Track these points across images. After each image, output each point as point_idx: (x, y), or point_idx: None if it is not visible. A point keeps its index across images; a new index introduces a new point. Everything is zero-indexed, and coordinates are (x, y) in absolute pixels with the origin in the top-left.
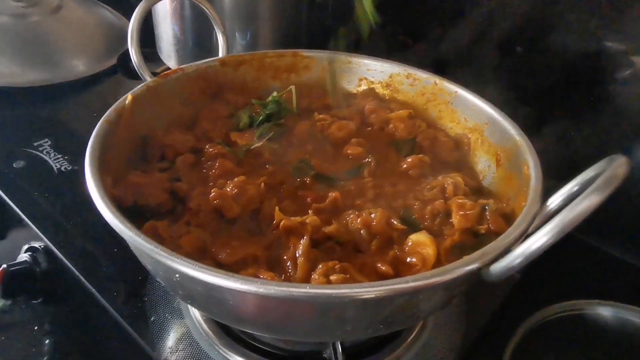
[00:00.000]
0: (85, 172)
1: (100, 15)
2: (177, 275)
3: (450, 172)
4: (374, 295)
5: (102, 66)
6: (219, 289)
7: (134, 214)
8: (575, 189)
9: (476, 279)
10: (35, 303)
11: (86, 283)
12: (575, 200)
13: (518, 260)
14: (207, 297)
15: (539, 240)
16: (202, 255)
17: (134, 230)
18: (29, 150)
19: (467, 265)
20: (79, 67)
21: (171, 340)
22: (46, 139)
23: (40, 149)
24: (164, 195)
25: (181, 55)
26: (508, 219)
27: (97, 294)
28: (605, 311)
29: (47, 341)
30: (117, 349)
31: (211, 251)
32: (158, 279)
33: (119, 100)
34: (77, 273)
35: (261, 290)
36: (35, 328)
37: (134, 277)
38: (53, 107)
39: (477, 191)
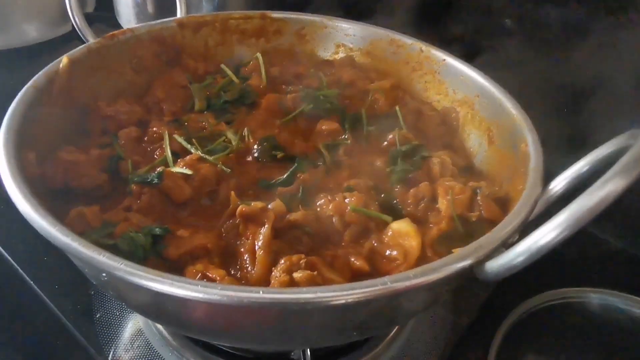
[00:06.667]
0: None
1: None
2: (104, 275)
3: (436, 150)
4: (343, 302)
5: (57, 32)
6: (150, 292)
7: (68, 198)
8: (586, 169)
9: (468, 277)
10: None
11: (22, 273)
12: (596, 183)
13: (521, 259)
14: (139, 301)
15: (549, 234)
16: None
17: (47, 219)
18: None
19: (458, 262)
20: (31, 32)
21: (120, 339)
22: None
23: None
24: (101, 176)
25: (141, 20)
26: (502, 204)
27: (34, 287)
28: (593, 299)
29: None
30: (59, 349)
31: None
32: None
33: (51, 64)
34: (12, 261)
35: (201, 295)
36: None
37: (77, 267)
38: None
39: (467, 171)
